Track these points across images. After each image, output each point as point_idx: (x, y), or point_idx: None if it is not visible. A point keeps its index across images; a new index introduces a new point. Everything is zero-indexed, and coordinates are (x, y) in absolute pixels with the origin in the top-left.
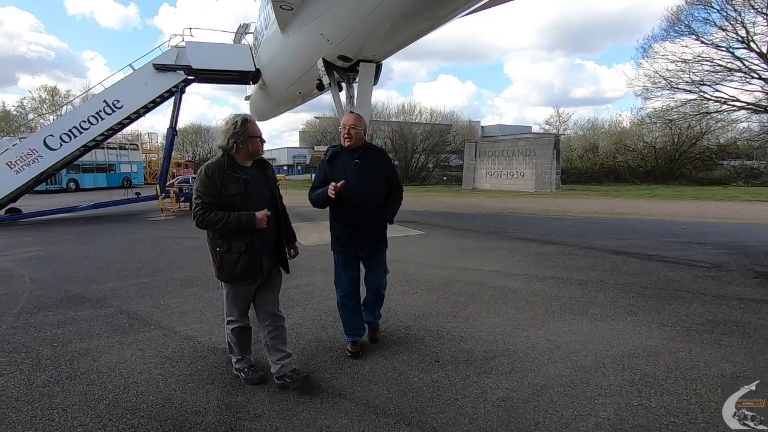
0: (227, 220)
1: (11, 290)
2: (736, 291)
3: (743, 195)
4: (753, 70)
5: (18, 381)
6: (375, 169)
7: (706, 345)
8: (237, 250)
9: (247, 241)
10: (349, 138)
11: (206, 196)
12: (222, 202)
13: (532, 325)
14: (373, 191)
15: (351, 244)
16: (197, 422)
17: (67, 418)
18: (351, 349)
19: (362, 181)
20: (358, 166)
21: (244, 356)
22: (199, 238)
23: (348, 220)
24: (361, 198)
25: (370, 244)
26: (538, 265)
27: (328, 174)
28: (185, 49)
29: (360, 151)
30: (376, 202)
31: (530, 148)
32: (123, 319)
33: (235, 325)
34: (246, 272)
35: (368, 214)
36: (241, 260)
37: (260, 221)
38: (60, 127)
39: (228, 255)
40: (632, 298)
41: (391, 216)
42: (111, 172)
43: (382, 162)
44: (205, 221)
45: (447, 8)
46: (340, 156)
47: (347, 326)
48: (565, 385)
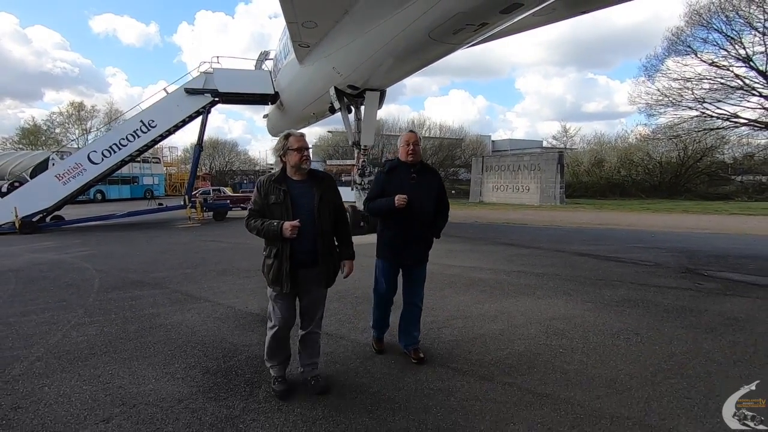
0: (261, 227)
1: (85, 277)
2: (659, 281)
3: (735, 209)
4: (753, 88)
5: (116, 330)
6: (428, 185)
7: (611, 313)
8: (272, 255)
9: (278, 249)
10: (413, 153)
11: (254, 204)
12: (264, 211)
13: (488, 301)
14: (425, 205)
15: (400, 252)
16: (245, 350)
17: (158, 349)
18: (376, 346)
19: (417, 194)
20: (414, 181)
21: (276, 363)
22: (225, 241)
23: (400, 230)
24: (415, 210)
25: (417, 254)
26: (509, 263)
27: (385, 186)
28: (212, 75)
29: (417, 167)
30: (428, 215)
31: (535, 163)
32: (178, 296)
33: (275, 330)
34: (276, 278)
35: (419, 226)
36: (273, 266)
37: (286, 230)
38: (102, 144)
39: (267, 259)
40: (574, 285)
41: (438, 231)
42: (134, 184)
43: (434, 179)
44: (248, 226)
45: (434, 52)
46: (397, 170)
47: (377, 322)
48: (498, 334)
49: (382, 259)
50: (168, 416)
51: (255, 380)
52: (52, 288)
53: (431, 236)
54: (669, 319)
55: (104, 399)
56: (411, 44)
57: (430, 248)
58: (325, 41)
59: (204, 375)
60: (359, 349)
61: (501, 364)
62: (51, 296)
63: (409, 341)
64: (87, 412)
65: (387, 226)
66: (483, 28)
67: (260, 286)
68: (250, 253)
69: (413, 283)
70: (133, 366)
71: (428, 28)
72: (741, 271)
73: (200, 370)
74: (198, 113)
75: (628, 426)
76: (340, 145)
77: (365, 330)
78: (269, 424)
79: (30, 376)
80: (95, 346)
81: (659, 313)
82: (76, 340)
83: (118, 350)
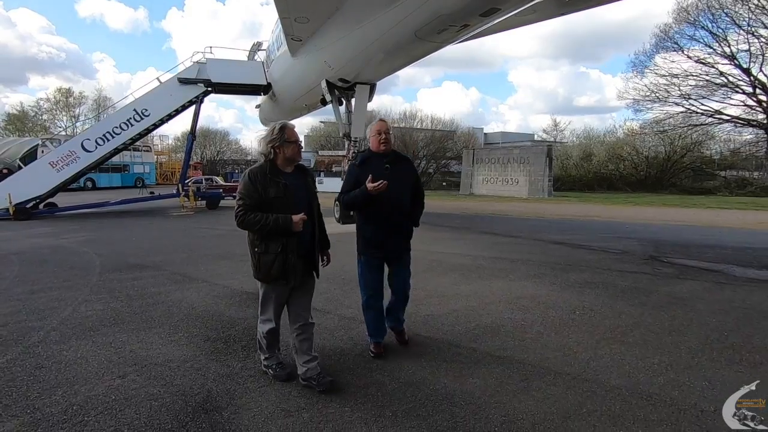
0: (265, 222)
1: (86, 260)
2: (622, 266)
3: (713, 203)
4: (737, 85)
5: (122, 306)
6: (403, 174)
7: (573, 293)
8: (273, 251)
9: (284, 243)
10: (385, 143)
11: (247, 198)
12: (262, 205)
13: (464, 282)
14: (402, 195)
15: (381, 245)
16: (241, 322)
17: (162, 321)
18: (374, 350)
19: (393, 184)
20: (388, 171)
21: (273, 354)
22: (219, 228)
23: (379, 223)
24: (392, 201)
25: (398, 245)
26: (488, 250)
27: (359, 178)
28: (206, 65)
29: (390, 157)
30: (405, 205)
31: (524, 156)
32: (177, 277)
33: (268, 326)
34: (281, 273)
35: (398, 216)
36: (277, 261)
37: (296, 224)
38: (96, 132)
39: (265, 256)
40: (544, 269)
41: (417, 220)
42: (125, 172)
43: (409, 168)
44: (245, 222)
45: (420, 50)
46: (370, 161)
47: (371, 327)
48: (469, 310)
49: (366, 255)
50: (176, 373)
51: (251, 346)
52: (56, 269)
53: (411, 226)
54: (622, 298)
55: (118, 360)
56: (399, 42)
57: (411, 237)
58: (317, 35)
59: (205, 341)
60: (344, 323)
61: (468, 333)
62: (55, 277)
63: (395, 323)
64: (104, 370)
65: (367, 221)
66: (465, 29)
67: None
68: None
69: (399, 271)
70: (140, 335)
71: (414, 28)
72: (699, 258)
73: (202, 338)
74: (191, 102)
75: (567, 379)
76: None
77: (350, 306)
78: (264, 379)
79: (48, 343)
80: (104, 319)
81: (615, 293)
82: (85, 314)
83: (126, 322)
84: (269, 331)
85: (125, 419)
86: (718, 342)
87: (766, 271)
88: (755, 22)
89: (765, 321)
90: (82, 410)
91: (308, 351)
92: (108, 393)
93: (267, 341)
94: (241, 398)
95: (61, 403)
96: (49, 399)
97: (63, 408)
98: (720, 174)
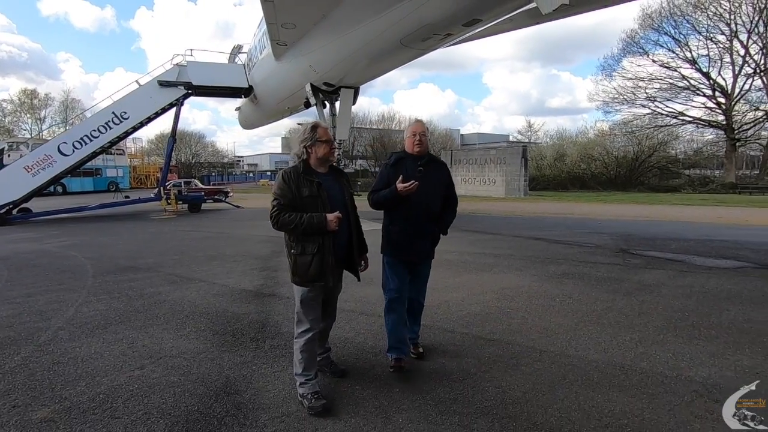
0: (300, 221)
1: (76, 264)
2: (596, 259)
3: (676, 200)
4: (698, 88)
5: (124, 306)
6: (436, 178)
7: (553, 283)
8: (310, 251)
9: (320, 243)
10: (420, 144)
11: (282, 198)
12: (296, 205)
13: (453, 276)
14: (433, 199)
15: (406, 248)
16: (245, 317)
17: (168, 318)
18: (394, 365)
19: (424, 187)
20: (421, 173)
21: (311, 376)
22: (206, 231)
23: (406, 225)
24: (422, 204)
25: (424, 250)
26: (472, 246)
27: (391, 179)
28: (186, 68)
29: (424, 159)
30: (435, 210)
31: (501, 156)
32: (173, 278)
33: (309, 334)
34: (319, 274)
35: (427, 220)
36: (314, 262)
37: (331, 222)
38: (73, 135)
39: (302, 257)
40: (525, 263)
41: (446, 227)
42: (97, 176)
43: (443, 172)
44: (280, 221)
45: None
46: (403, 162)
47: (393, 338)
48: (459, 300)
49: (389, 256)
50: (192, 363)
51: (259, 338)
52: (47, 273)
53: (438, 232)
54: (597, 287)
55: (132, 354)
56: (384, 48)
57: (437, 244)
58: (302, 40)
59: (214, 335)
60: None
61: (460, 320)
62: (48, 280)
63: (410, 334)
64: (121, 363)
65: (392, 222)
66: (448, 37)
67: (250, 268)
68: (234, 241)
69: (418, 280)
70: (149, 331)
71: (400, 36)
72: (664, 250)
73: (210, 332)
74: (171, 105)
75: (551, 356)
76: None
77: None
78: (277, 365)
79: (59, 341)
80: (109, 318)
81: (590, 282)
82: (89, 314)
83: (132, 320)
84: (308, 342)
85: (152, 404)
86: (680, 321)
87: (722, 260)
88: (713, 28)
89: (721, 302)
90: (109, 398)
91: (322, 342)
92: (130, 383)
93: (305, 356)
94: (258, 382)
95: (86, 392)
96: (74, 390)
97: (90, 397)
98: (684, 173)
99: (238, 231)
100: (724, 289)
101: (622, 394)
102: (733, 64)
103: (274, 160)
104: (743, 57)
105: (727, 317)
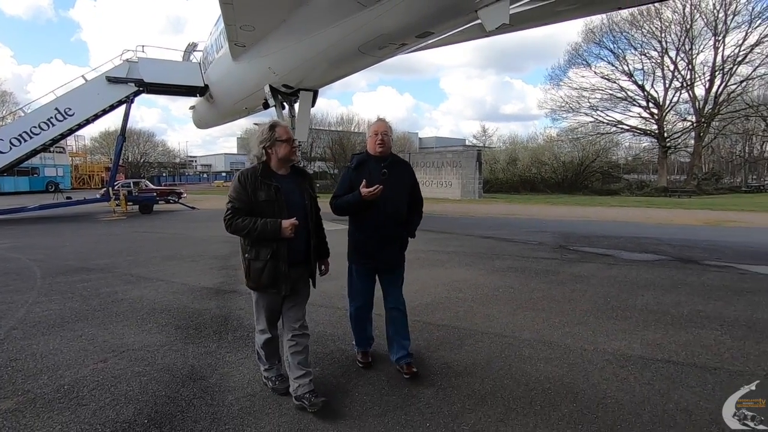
0: (253, 227)
1: (20, 266)
2: (537, 254)
3: (615, 202)
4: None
5: (79, 305)
6: (401, 180)
7: (497, 276)
8: (263, 257)
9: (274, 249)
10: (382, 144)
11: (236, 202)
12: (251, 209)
13: (408, 272)
14: (399, 202)
15: (373, 256)
16: (207, 312)
17: (127, 315)
18: (362, 359)
19: (389, 190)
20: (385, 176)
21: (273, 365)
22: (160, 232)
23: (372, 231)
24: (388, 208)
25: (392, 256)
26: (426, 245)
27: (353, 182)
28: (137, 64)
29: (388, 161)
30: (401, 213)
31: (457, 160)
32: (129, 278)
33: (264, 336)
34: (271, 281)
35: (393, 225)
36: (267, 268)
37: (285, 229)
38: (10, 132)
39: (255, 262)
40: (474, 258)
41: (413, 229)
42: (34, 175)
43: (407, 173)
44: (233, 226)
45: (363, 62)
46: (366, 164)
47: (358, 337)
48: (413, 293)
49: (355, 264)
50: (156, 355)
51: (222, 330)
52: None
53: (406, 236)
54: (536, 279)
55: (93, 349)
56: (342, 54)
57: (406, 249)
58: (262, 42)
59: (177, 330)
60: None
61: (413, 310)
62: None
63: (401, 355)
64: (83, 357)
65: (358, 228)
66: (403, 46)
67: (209, 267)
68: (191, 241)
69: (391, 287)
70: (109, 328)
71: (358, 43)
72: (597, 246)
73: (172, 327)
74: (120, 103)
75: (491, 336)
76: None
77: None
78: (241, 353)
79: (13, 340)
80: (65, 317)
81: (531, 274)
82: (42, 314)
83: (89, 318)
84: (265, 342)
85: (119, 392)
86: (603, 305)
87: (645, 254)
88: (647, 45)
89: (638, 289)
90: (74, 388)
91: (301, 365)
92: (94, 374)
93: (265, 351)
94: (223, 368)
95: (50, 384)
96: (36, 383)
97: (54, 388)
98: (624, 177)
99: (195, 232)
100: (643, 278)
101: (548, 365)
102: (664, 78)
103: (229, 160)
104: (672, 72)
105: (642, 301)
